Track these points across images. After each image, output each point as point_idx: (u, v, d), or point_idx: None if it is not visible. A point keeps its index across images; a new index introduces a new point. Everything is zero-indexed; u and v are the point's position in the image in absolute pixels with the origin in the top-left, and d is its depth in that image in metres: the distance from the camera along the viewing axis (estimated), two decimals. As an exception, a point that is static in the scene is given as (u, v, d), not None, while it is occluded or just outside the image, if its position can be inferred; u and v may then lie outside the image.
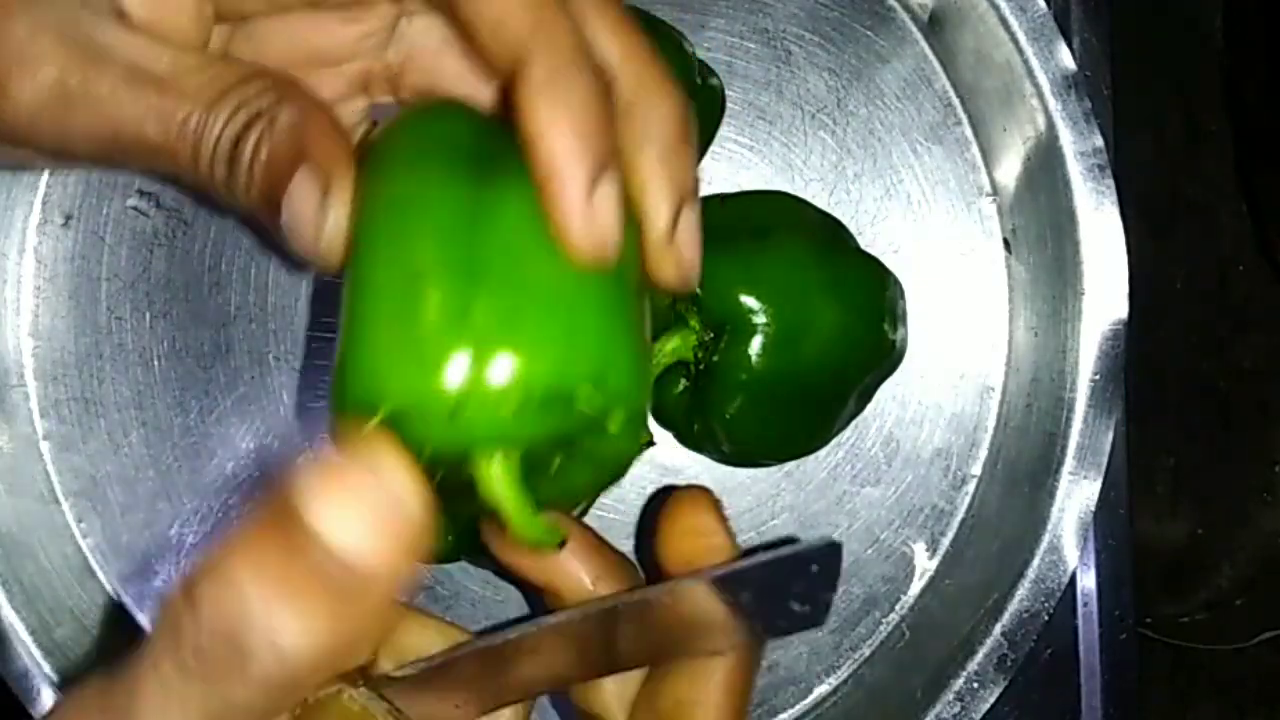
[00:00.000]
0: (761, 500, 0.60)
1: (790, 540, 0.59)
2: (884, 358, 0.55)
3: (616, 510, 0.59)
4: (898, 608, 0.59)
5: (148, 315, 0.58)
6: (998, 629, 0.54)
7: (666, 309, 0.54)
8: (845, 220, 0.57)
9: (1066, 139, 0.55)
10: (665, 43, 0.53)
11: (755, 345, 0.51)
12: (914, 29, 0.60)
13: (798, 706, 0.58)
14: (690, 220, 0.34)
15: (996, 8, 0.55)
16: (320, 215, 0.32)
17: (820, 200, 0.60)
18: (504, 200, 0.32)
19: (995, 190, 0.60)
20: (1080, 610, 0.60)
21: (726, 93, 0.58)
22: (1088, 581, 0.61)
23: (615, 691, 0.38)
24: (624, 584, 0.38)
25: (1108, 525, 0.61)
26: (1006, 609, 0.54)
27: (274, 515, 0.26)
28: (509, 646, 0.34)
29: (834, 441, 0.58)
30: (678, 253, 0.34)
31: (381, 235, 0.32)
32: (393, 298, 0.31)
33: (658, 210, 0.33)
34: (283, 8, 0.37)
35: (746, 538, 0.59)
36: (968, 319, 0.60)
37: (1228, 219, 0.76)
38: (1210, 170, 0.77)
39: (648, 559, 0.57)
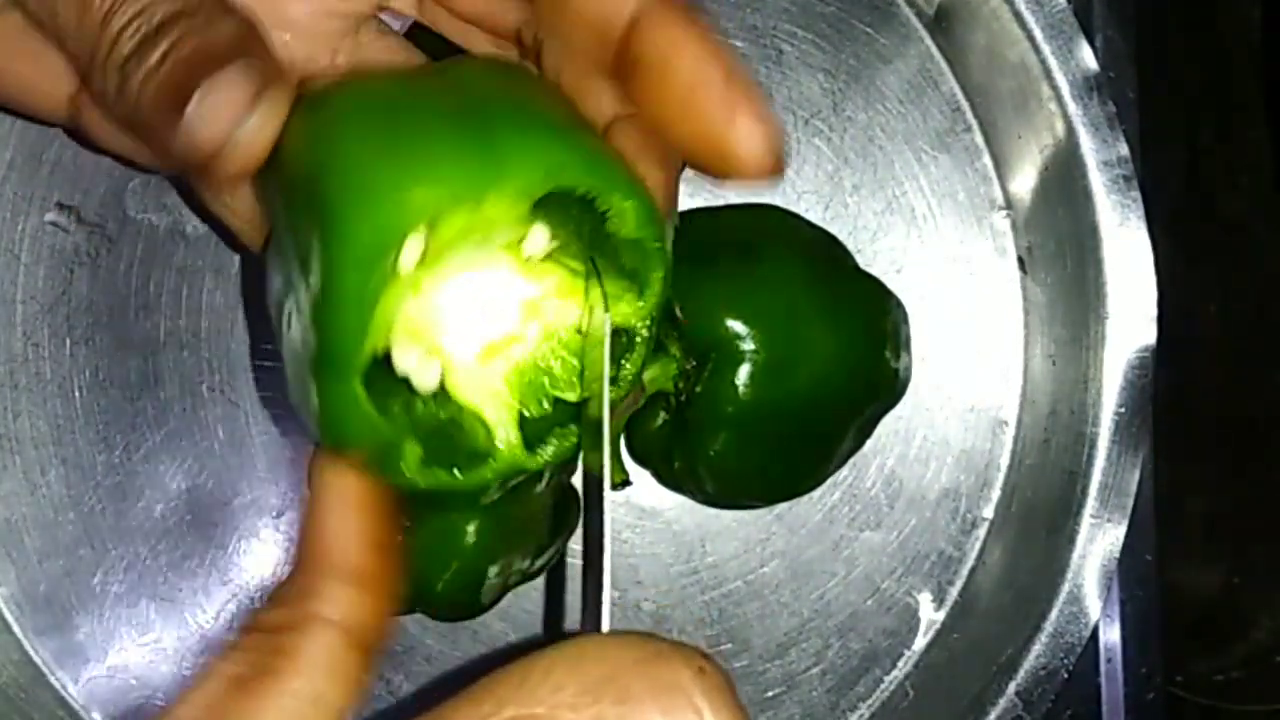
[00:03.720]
0: (749, 545, 0.59)
1: None
2: (885, 388, 0.55)
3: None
4: (900, 664, 0.59)
5: (68, 341, 0.57)
6: (1012, 688, 0.54)
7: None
8: (842, 236, 0.56)
9: (1088, 147, 0.55)
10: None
11: (742, 375, 0.50)
12: (918, 26, 0.60)
13: (790, 773, 0.59)
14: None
15: (1010, 2, 0.55)
16: (243, 111, 0.34)
17: (815, 214, 0.59)
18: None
19: (1009, 203, 0.60)
20: (1103, 667, 0.60)
21: (711, 96, 0.56)
22: (1111, 635, 0.60)
23: None
24: None
25: (1133, 573, 0.60)
26: (1021, 666, 0.54)
27: None
28: None
29: (830, 481, 0.58)
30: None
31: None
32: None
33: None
34: None
35: (733, 586, 0.59)
36: (978, 346, 0.60)
37: (1267, 236, 0.76)
38: (1246, 182, 0.77)
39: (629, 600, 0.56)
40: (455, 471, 0.36)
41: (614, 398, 0.37)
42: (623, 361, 0.37)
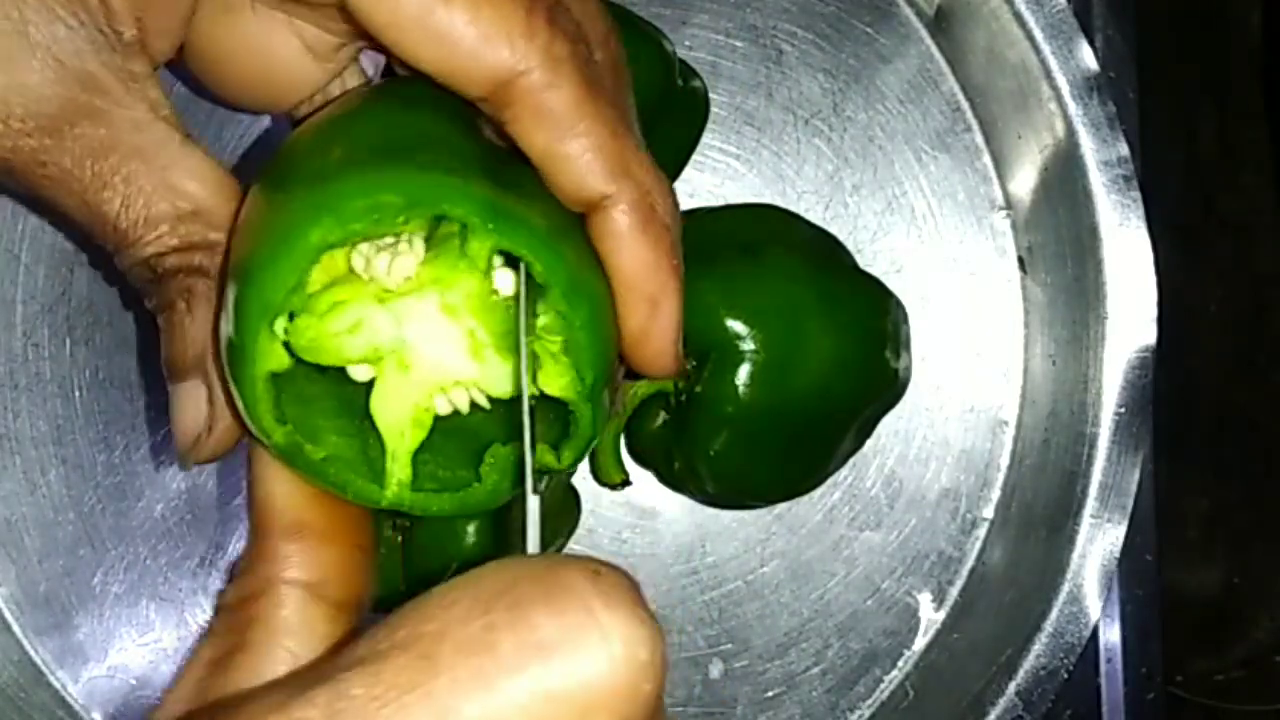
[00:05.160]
0: (749, 545, 0.59)
1: None
2: (885, 388, 0.54)
3: (590, 555, 0.57)
4: (901, 664, 0.59)
5: (68, 341, 0.57)
6: (1012, 688, 0.54)
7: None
8: (842, 236, 0.56)
9: (1088, 147, 0.55)
10: (644, 42, 0.52)
11: (742, 375, 0.50)
12: (919, 26, 0.60)
13: (790, 774, 0.59)
14: (666, 318, 0.38)
15: (1010, 2, 0.55)
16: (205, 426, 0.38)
17: (815, 214, 0.59)
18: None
19: (1009, 203, 0.60)
20: (1104, 667, 0.60)
21: (711, 96, 0.57)
22: (1112, 635, 0.60)
23: None
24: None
25: (1134, 573, 0.60)
26: (1021, 666, 0.54)
27: None
28: None
29: (830, 481, 0.58)
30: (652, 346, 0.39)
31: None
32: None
33: (634, 309, 0.38)
34: None
35: (733, 586, 0.59)
36: (978, 346, 0.60)
37: (1266, 236, 0.76)
38: (1247, 182, 0.77)
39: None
40: (370, 487, 0.36)
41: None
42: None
